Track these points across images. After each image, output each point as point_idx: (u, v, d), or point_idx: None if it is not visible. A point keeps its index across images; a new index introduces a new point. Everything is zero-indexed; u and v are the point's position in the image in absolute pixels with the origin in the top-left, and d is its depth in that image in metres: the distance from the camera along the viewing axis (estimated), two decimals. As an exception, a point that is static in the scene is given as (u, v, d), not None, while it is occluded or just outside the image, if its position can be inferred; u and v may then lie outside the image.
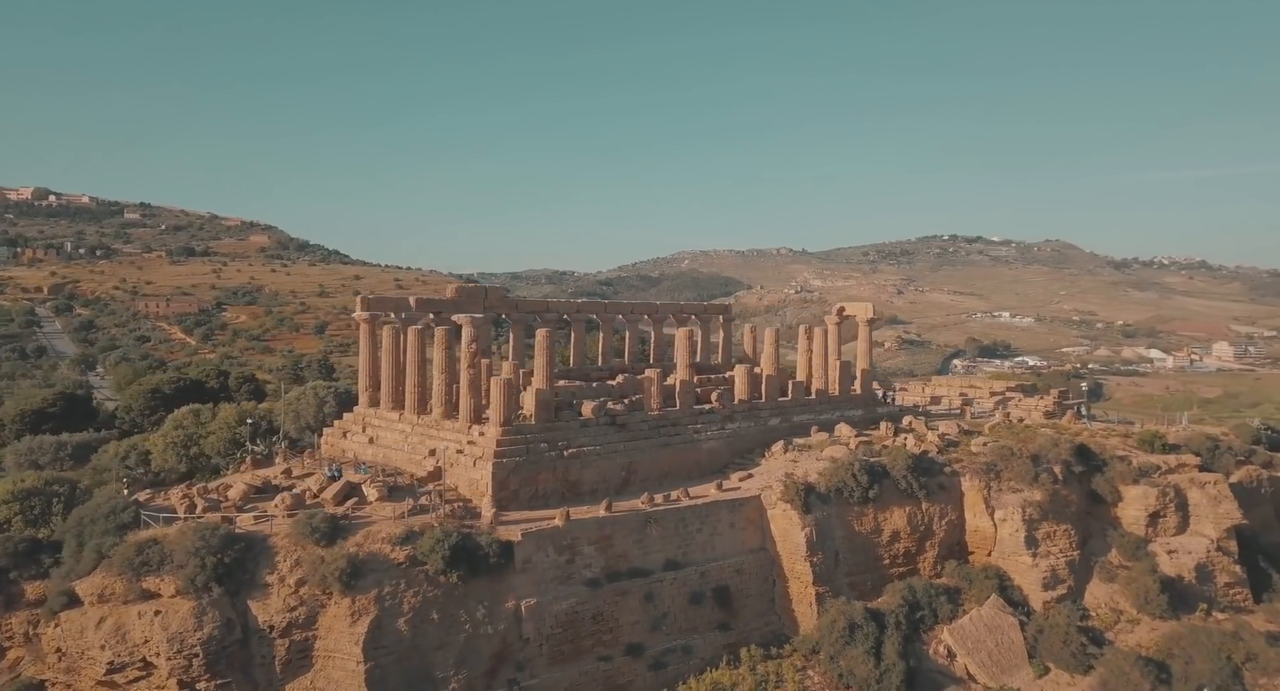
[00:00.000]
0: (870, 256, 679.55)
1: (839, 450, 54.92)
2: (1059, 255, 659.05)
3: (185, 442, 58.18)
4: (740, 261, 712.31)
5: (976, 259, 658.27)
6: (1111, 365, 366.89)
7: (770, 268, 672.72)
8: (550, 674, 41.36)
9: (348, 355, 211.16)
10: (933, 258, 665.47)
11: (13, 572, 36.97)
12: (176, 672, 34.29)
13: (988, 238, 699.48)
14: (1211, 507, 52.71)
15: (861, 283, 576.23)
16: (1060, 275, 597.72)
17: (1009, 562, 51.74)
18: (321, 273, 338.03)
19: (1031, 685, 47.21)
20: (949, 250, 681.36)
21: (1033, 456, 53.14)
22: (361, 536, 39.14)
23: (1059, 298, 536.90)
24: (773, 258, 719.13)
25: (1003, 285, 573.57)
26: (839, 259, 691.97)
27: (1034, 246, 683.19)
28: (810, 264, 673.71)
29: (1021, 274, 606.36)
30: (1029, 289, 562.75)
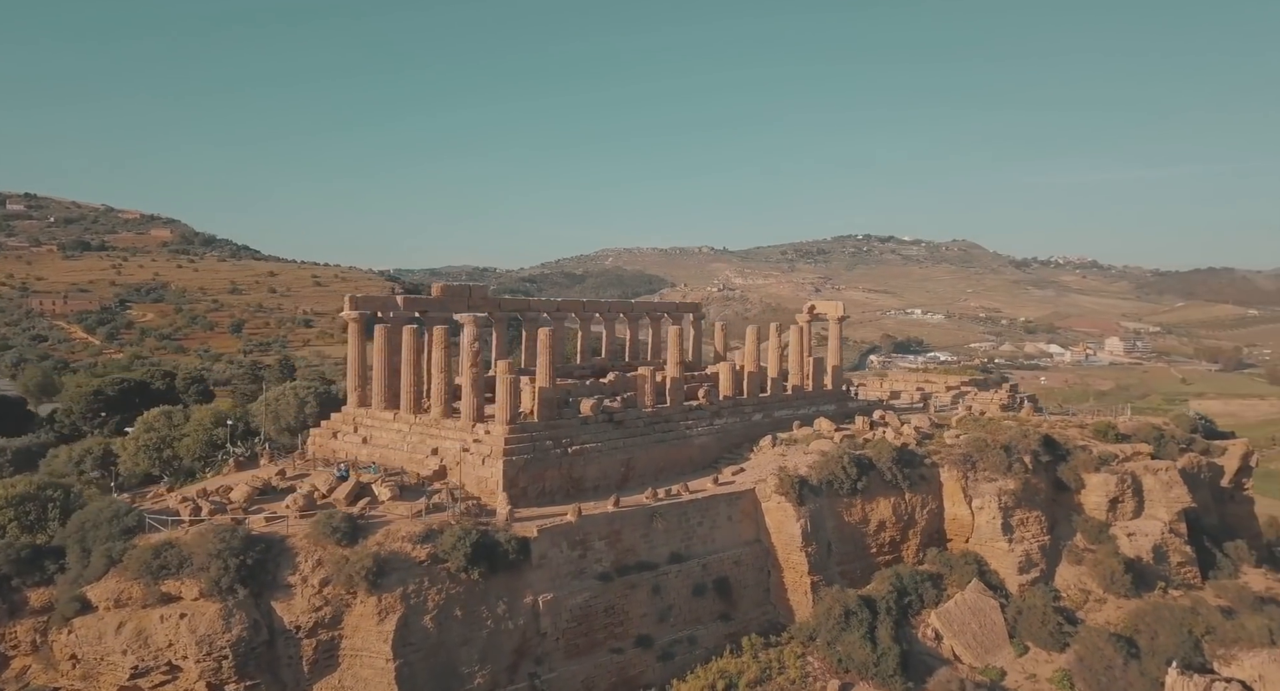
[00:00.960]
0: (789, 255, 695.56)
1: (824, 444, 56.82)
2: (965, 255, 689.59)
3: (158, 446, 55.95)
4: (663, 259, 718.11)
5: (889, 258, 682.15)
6: (1015, 360, 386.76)
7: (693, 265, 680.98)
8: (567, 667, 42.02)
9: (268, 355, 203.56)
10: (848, 257, 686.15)
11: (15, 580, 35.90)
12: (206, 675, 34.02)
13: (899, 237, 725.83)
14: (1164, 493, 56.98)
15: (781, 281, 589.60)
16: (967, 274, 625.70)
17: (986, 548, 54.67)
18: (233, 269, 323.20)
19: (1013, 663, 50.11)
20: (863, 249, 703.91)
21: (1004, 447, 56.22)
22: (382, 535, 39.11)
23: (966, 295, 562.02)
24: (695, 256, 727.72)
25: (914, 283, 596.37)
26: (759, 258, 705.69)
27: (942, 246, 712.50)
28: (731, 262, 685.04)
29: (931, 273, 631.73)
30: (938, 287, 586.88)
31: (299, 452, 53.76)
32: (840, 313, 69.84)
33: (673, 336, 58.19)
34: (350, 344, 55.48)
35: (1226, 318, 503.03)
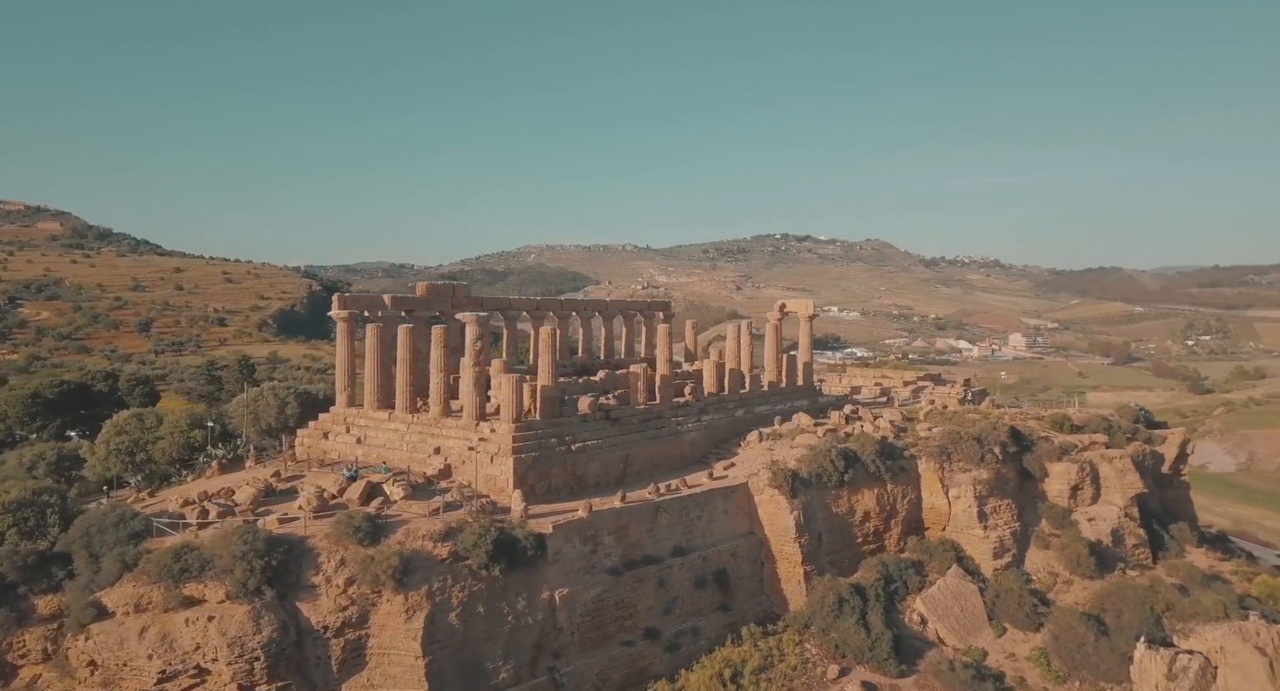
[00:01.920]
0: (710, 254, 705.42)
1: (809, 438, 58.59)
2: (878, 254, 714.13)
3: (130, 449, 53.44)
4: (587, 257, 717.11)
5: (806, 257, 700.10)
6: (927, 355, 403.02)
7: (616, 263, 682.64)
8: (583, 660, 42.68)
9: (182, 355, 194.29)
10: (767, 255, 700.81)
11: (21, 587, 35.04)
12: (239, 677, 33.78)
13: (816, 237, 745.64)
14: (1119, 479, 61.00)
15: (703, 279, 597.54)
16: (880, 272, 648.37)
17: (962, 536, 57.42)
18: (134, 264, 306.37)
19: (993, 644, 52.88)
20: (781, 248, 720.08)
21: (976, 439, 59.18)
22: (402, 534, 39.18)
23: (879, 293, 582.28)
24: (618, 253, 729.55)
25: (830, 282, 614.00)
26: (681, 256, 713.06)
27: (856, 245, 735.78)
28: (654, 260, 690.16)
29: (846, 271, 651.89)
30: (853, 285, 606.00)
31: (289, 454, 52.47)
32: (810, 311, 71.92)
33: (662, 335, 58.95)
34: (339, 343, 54.40)
35: (1116, 314, 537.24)
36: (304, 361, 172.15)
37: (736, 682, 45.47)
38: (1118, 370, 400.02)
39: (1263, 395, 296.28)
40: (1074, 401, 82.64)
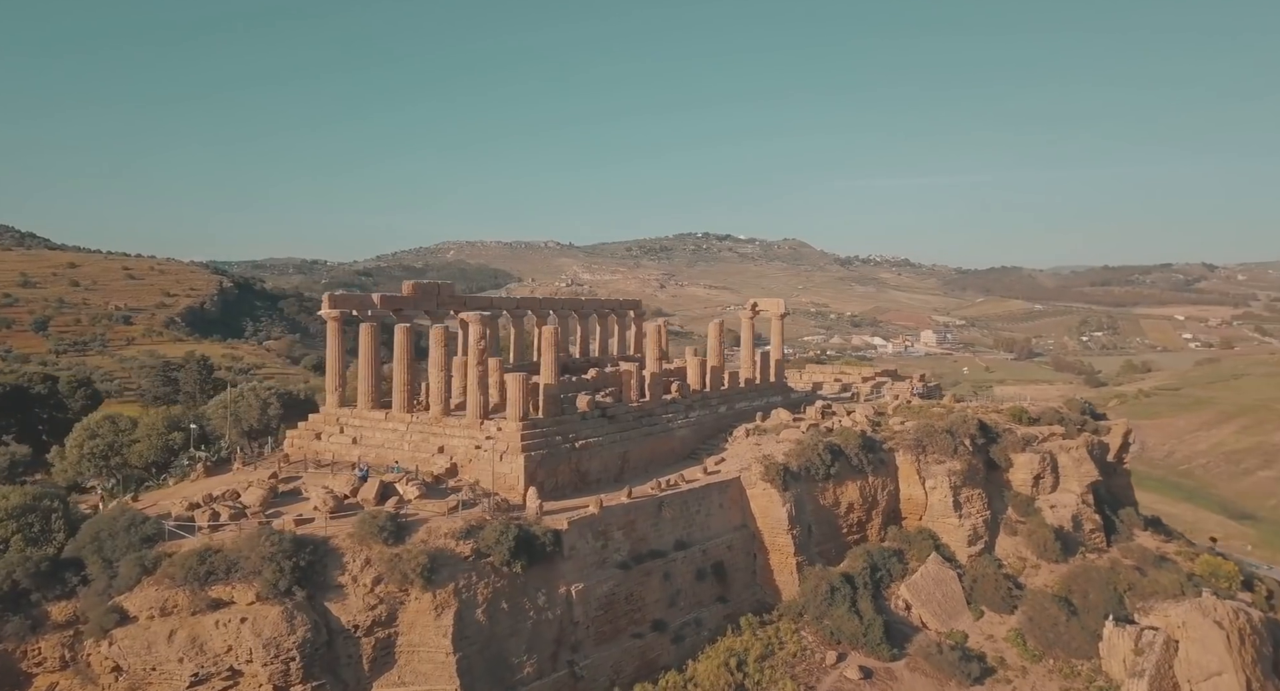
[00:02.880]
0: (633, 251, 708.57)
1: (793, 433, 60.25)
2: (795, 253, 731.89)
3: (105, 453, 51.18)
4: (508, 253, 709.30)
5: (727, 255, 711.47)
6: (844, 351, 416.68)
7: (539, 260, 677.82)
8: (598, 653, 43.47)
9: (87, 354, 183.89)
10: (689, 253, 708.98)
11: (35, 594, 34.23)
12: (275, 678, 33.59)
13: (736, 236, 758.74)
14: (1076, 468, 64.86)
15: (627, 277, 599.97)
16: (797, 271, 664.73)
17: (938, 524, 60.07)
18: (21, 259, 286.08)
19: (973, 627, 55.59)
20: (703, 247, 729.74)
21: (948, 432, 62.04)
22: (424, 533, 39.26)
23: (797, 291, 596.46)
24: (540, 250, 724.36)
25: (750, 280, 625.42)
26: (604, 253, 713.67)
27: (774, 245, 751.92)
28: (577, 257, 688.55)
29: (765, 269, 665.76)
30: (772, 283, 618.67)
31: (282, 455, 50.99)
32: (782, 310, 73.74)
33: (652, 333, 59.58)
34: (329, 343, 53.21)
35: (1018, 312, 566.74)
36: (224, 361, 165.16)
37: (742, 671, 46.73)
38: (1021, 365, 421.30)
39: (1151, 388, 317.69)
40: (981, 395, 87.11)
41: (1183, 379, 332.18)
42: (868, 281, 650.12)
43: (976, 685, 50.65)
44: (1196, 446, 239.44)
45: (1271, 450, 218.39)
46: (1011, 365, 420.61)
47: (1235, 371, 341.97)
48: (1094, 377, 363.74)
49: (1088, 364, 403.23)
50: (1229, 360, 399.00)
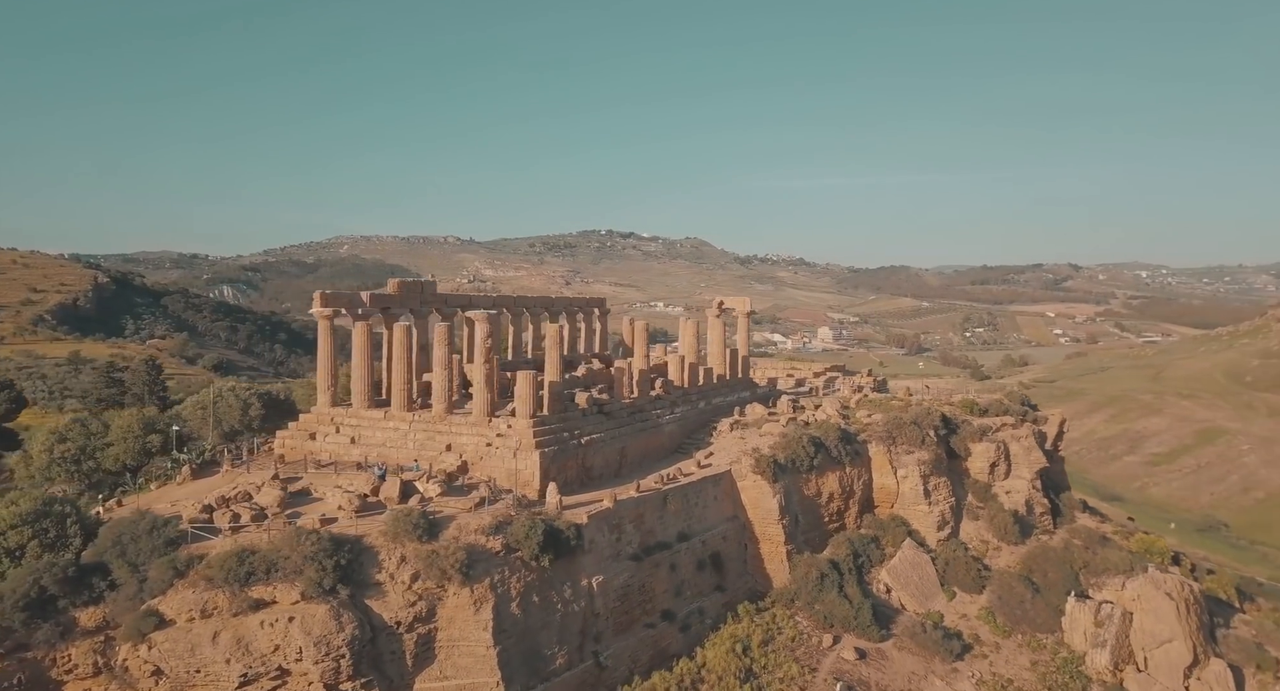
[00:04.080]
0: (537, 248, 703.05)
1: (774, 427, 62.19)
2: (697, 252, 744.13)
3: (76, 457, 49.78)
4: (406, 248, 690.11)
5: (631, 253, 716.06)
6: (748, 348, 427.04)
7: (438, 256, 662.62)
8: (618, 643, 44.63)
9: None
10: (593, 251, 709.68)
11: (62, 600, 33.58)
12: (326, 676, 33.63)
13: (639, 234, 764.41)
14: (1026, 456, 69.48)
15: (532, 273, 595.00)
16: (699, 269, 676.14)
17: (909, 511, 63.23)
18: None
19: (947, 607, 58.92)
20: (607, 244, 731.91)
21: (915, 424, 65.32)
22: (455, 529, 39.56)
23: (700, 289, 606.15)
24: (440, 246, 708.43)
25: (654, 278, 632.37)
26: (507, 249, 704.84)
27: (677, 243, 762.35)
28: (479, 253, 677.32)
29: (669, 268, 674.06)
30: (675, 281, 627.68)
31: (277, 456, 49.42)
32: (748, 308, 75.69)
33: (640, 331, 60.21)
34: (321, 342, 51.72)
35: (906, 309, 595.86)
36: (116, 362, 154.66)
37: (748, 656, 48.50)
38: (911, 359, 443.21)
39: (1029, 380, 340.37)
40: (968, 390, 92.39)
41: (1056, 372, 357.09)
42: (766, 280, 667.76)
43: (958, 661, 53.79)
44: (1071, 435, 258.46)
45: (1135, 436, 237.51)
46: (903, 359, 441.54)
47: (1102, 364, 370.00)
48: (978, 371, 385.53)
49: (972, 358, 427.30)
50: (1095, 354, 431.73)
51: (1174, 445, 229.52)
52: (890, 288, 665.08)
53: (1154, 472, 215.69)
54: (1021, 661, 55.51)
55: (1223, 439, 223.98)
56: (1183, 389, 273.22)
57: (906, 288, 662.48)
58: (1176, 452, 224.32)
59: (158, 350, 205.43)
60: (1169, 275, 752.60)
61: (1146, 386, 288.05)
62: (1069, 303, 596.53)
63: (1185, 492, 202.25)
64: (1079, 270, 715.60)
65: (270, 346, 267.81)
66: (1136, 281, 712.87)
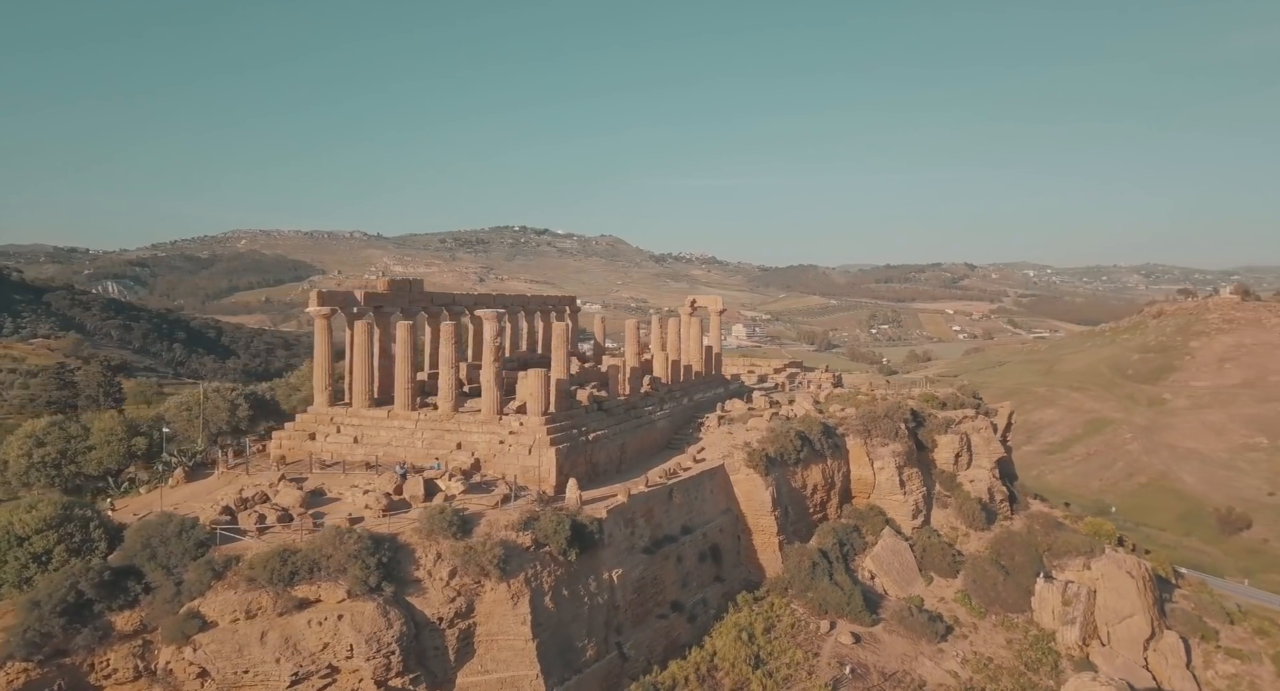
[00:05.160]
0: (448, 244, 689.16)
1: (759, 422, 63.71)
2: (612, 249, 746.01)
3: (56, 461, 49.75)
4: (310, 243, 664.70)
5: (545, 250, 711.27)
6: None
7: (344, 252, 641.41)
8: (635, 634, 45.64)
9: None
10: (507, 247, 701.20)
11: (98, 605, 33.07)
12: (377, 672, 33.78)
13: (554, 231, 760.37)
14: (985, 446, 73.16)
15: (444, 270, 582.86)
16: (615, 267, 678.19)
17: (885, 501, 65.75)
18: None
19: (926, 591, 61.64)
20: (521, 241, 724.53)
21: (888, 417, 67.87)
22: (486, 526, 39.96)
23: (617, 287, 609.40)
24: (346, 241, 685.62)
25: (570, 275, 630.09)
26: (417, 245, 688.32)
27: (592, 240, 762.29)
28: (388, 249, 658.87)
29: (584, 265, 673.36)
30: (592, 278, 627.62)
31: (278, 457, 48.15)
32: (720, 306, 76.86)
33: (630, 330, 60.60)
34: (318, 341, 50.12)
35: (815, 307, 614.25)
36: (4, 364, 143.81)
37: (754, 644, 50.19)
38: (822, 355, 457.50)
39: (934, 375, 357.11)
40: (916, 385, 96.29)
41: (957, 366, 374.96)
42: (681, 278, 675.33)
43: (942, 642, 56.52)
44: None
45: (1032, 427, 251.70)
46: (814, 356, 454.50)
47: (999, 359, 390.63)
48: (885, 367, 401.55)
49: (878, 354, 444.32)
50: (991, 349, 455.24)
51: (1066, 435, 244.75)
52: (799, 286, 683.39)
53: (1049, 461, 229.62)
54: (998, 640, 58.68)
55: (1109, 428, 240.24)
56: (1073, 382, 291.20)
57: (815, 286, 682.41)
58: (1069, 442, 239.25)
59: (50, 350, 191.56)
60: (1053, 274, 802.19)
61: (1040, 380, 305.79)
62: (966, 300, 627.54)
63: (1077, 479, 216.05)
64: (974, 269, 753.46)
65: (168, 346, 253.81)
66: (1025, 280, 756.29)
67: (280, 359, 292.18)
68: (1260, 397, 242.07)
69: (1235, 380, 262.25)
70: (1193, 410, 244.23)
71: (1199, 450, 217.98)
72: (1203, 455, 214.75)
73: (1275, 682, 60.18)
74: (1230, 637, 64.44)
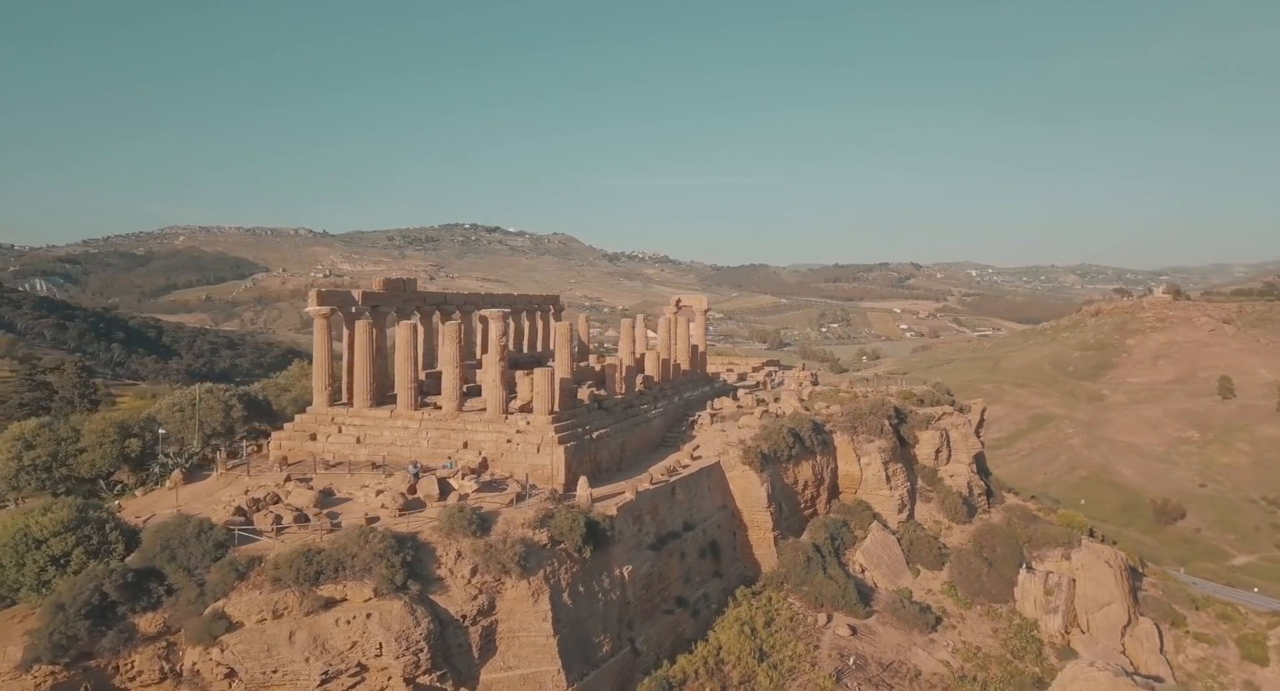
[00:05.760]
0: (396, 241, 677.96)
1: (750, 419, 64.42)
2: (565, 248, 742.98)
3: (47, 464, 48.51)
4: (252, 241, 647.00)
5: (497, 248, 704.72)
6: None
7: (289, 249, 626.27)
8: (645, 629, 46.18)
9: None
10: (457, 245, 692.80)
11: (122, 607, 32.88)
12: (406, 670, 33.87)
13: (505, 228, 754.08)
14: (964, 442, 75.14)
15: (393, 268, 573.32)
16: (568, 265, 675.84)
17: (871, 496, 67.09)
18: None
19: (914, 583, 63.09)
20: (471, 238, 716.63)
21: (872, 414, 69.22)
22: (503, 524, 40.14)
23: (570, 285, 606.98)
24: (291, 238, 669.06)
25: (522, 273, 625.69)
26: (364, 242, 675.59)
27: (544, 239, 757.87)
28: (334, 247, 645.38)
29: (536, 263, 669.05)
30: (545, 277, 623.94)
31: (280, 458, 47.22)
32: (705, 306, 77.42)
33: (626, 329, 60.87)
34: (317, 341, 49.17)
35: (767, 306, 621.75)
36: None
37: (757, 637, 50.71)
38: (774, 353, 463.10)
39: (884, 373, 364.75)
40: (896, 380, 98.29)
41: (906, 364, 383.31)
42: (634, 276, 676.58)
43: (933, 632, 57.96)
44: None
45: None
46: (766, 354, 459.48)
47: (946, 357, 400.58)
48: (836, 364, 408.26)
49: (829, 352, 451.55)
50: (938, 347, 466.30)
51: (1011, 430, 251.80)
52: (751, 285, 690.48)
53: (996, 456, 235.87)
54: (984, 630, 60.39)
55: (1052, 424, 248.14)
56: (1017, 379, 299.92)
57: (766, 285, 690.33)
58: (1014, 437, 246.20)
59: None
60: (995, 274, 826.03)
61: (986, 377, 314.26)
62: (912, 299, 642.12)
63: (1023, 472, 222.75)
64: (920, 269, 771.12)
65: (106, 346, 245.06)
66: (969, 280, 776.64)
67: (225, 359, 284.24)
68: (1191, 393, 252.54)
69: (1169, 376, 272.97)
70: (1130, 405, 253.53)
71: (1136, 444, 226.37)
72: (1139, 449, 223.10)
73: (1241, 665, 63.24)
74: (1196, 623, 67.42)
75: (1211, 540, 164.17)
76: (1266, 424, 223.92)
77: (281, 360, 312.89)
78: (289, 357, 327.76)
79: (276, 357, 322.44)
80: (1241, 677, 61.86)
